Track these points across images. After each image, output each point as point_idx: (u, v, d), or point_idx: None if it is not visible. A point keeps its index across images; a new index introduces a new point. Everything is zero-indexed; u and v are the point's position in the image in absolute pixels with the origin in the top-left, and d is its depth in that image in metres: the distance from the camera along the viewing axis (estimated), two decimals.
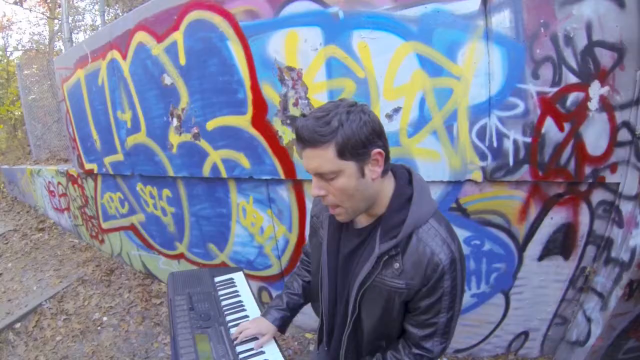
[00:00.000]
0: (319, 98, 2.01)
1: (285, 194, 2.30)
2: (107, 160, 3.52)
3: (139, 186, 3.23)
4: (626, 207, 2.15)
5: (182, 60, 2.25)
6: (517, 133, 2.03)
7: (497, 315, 2.55)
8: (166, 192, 2.87)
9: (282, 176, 2.21)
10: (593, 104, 1.99)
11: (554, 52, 1.91)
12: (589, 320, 2.41)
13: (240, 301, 1.44)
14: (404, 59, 1.92)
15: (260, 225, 2.44)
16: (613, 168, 2.12)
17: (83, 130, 3.78)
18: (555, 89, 1.97)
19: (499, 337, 2.66)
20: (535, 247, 2.34)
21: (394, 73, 1.94)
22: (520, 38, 1.88)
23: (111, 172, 3.55)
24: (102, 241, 4.56)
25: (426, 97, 1.96)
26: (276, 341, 1.31)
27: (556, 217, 2.27)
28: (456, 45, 1.89)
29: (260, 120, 2.12)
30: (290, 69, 1.97)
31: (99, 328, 3.22)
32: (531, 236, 2.32)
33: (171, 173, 2.64)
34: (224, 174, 2.31)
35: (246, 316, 1.37)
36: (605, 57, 1.92)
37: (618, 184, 2.17)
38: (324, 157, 0.91)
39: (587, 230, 2.32)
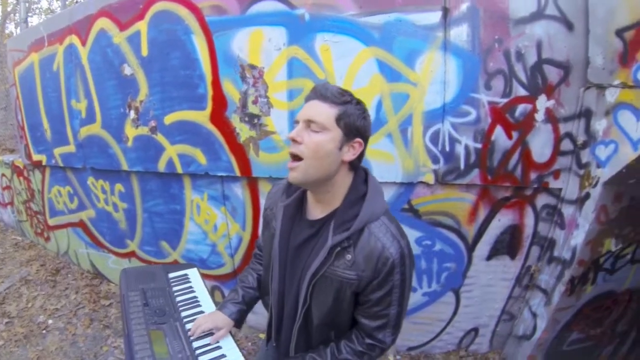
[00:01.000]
0: (278, 97, 2.02)
1: (240, 191, 2.28)
2: (58, 151, 3.30)
3: (90, 180, 3.05)
4: (568, 211, 2.32)
5: (145, 51, 2.17)
6: (469, 139, 2.13)
7: (447, 313, 2.65)
8: (119, 186, 2.74)
9: (238, 173, 2.18)
10: (539, 116, 2.15)
11: (506, 66, 2.04)
12: (534, 315, 2.56)
13: (195, 297, 1.42)
14: (364, 63, 1.97)
15: (214, 223, 2.39)
16: (556, 174, 2.30)
17: (33, 118, 3.53)
18: (505, 100, 2.10)
19: (450, 334, 2.76)
20: (483, 247, 2.47)
21: (353, 76, 1.98)
22: (475, 51, 2.00)
23: (61, 164, 3.32)
24: (47, 239, 4.27)
25: (383, 101, 2.02)
26: (232, 335, 1.30)
27: (503, 219, 2.41)
28: (415, 53, 1.97)
29: (219, 116, 2.10)
30: (253, 66, 1.96)
31: (43, 332, 3.00)
32: (480, 237, 2.44)
33: (125, 167, 2.53)
34: (179, 170, 2.25)
35: (201, 311, 1.35)
36: (553, 74, 2.09)
37: (560, 189, 2.34)
38: (325, 111, 1.00)
39: (532, 232, 2.48)
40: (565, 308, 2.41)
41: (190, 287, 1.45)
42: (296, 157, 1.01)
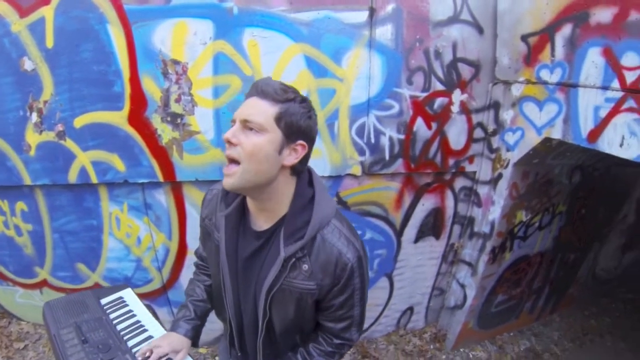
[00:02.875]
0: (203, 94, 1.86)
1: (163, 198, 2.06)
2: None
3: None
4: (482, 190, 2.58)
5: (50, 42, 1.80)
6: (393, 131, 2.22)
7: (383, 297, 2.76)
8: (21, 205, 2.27)
9: (161, 179, 1.97)
10: (455, 108, 2.33)
11: (426, 63, 2.16)
12: (462, 286, 2.80)
13: (138, 321, 1.24)
14: (292, 59, 1.91)
15: (137, 236, 2.13)
16: (471, 159, 2.53)
17: None
18: (425, 94, 2.22)
19: (387, 317, 2.89)
20: (410, 231, 2.61)
21: (280, 72, 1.92)
22: (399, 49, 2.07)
23: None
24: None
25: (310, 96, 1.99)
26: (191, 357, 1.18)
27: (427, 203, 2.58)
28: (342, 50, 1.97)
29: (138, 116, 1.85)
30: (176, 62, 1.77)
31: None
32: (407, 222, 2.57)
33: (28, 181, 2.10)
34: (94, 179, 1.95)
35: (150, 336, 1.19)
36: (466, 71, 2.27)
37: (475, 172, 2.59)
38: (263, 111, 0.90)
39: (452, 212, 2.70)
40: (490, 275, 2.68)
41: (130, 310, 1.27)
42: (233, 161, 0.91)
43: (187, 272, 2.22)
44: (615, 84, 1.66)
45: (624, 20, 1.60)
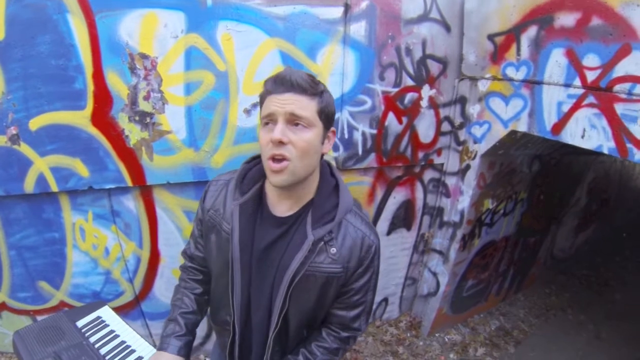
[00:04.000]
0: (174, 91, 1.72)
1: (132, 204, 1.89)
2: None
3: None
4: (451, 181, 2.66)
5: (1, 34, 1.59)
6: (365, 126, 2.22)
7: None
8: None
9: (130, 183, 1.79)
10: (424, 103, 2.38)
11: (397, 60, 2.18)
12: (434, 274, 2.89)
13: (123, 342, 1.12)
14: (267, 54, 1.83)
15: (105, 246, 1.93)
16: (439, 152, 2.60)
17: None
18: (396, 89, 2.24)
19: None
20: (383, 224, 2.63)
21: (255, 68, 1.83)
22: (372, 45, 2.07)
23: None
24: None
25: None
26: None
27: (398, 196, 2.61)
28: (317, 45, 1.93)
29: (102, 116, 1.68)
30: (144, 56, 1.61)
31: None
32: (379, 215, 2.59)
33: None
34: (54, 187, 1.73)
35: (140, 357, 1.08)
36: (434, 67, 2.32)
37: (442, 164, 2.67)
38: (307, 105, 0.89)
39: (422, 204, 2.77)
40: (461, 262, 2.78)
41: (111, 331, 1.14)
42: (279, 158, 0.88)
43: (161, 282, 2.08)
44: (577, 82, 1.78)
45: (586, 25, 1.71)
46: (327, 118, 0.94)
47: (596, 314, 3.61)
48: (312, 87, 0.89)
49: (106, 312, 1.19)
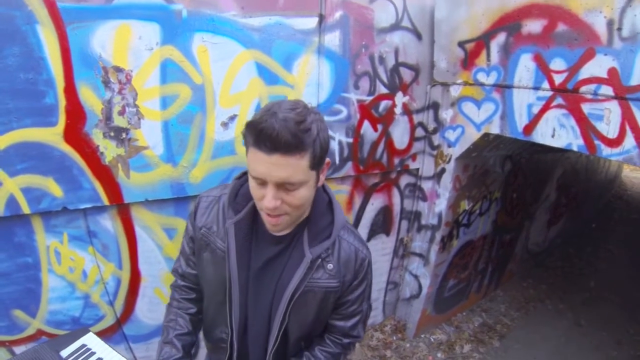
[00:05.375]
0: (149, 106, 1.65)
1: (109, 223, 1.78)
2: None
3: None
4: (427, 185, 2.70)
5: None
6: (342, 135, 2.22)
7: None
8: None
9: (106, 202, 1.70)
10: (398, 109, 2.41)
11: (371, 68, 2.20)
12: (416, 277, 2.91)
13: None
14: (243, 66, 1.80)
15: (82, 269, 1.81)
16: (414, 157, 2.64)
17: None
18: (371, 98, 2.26)
19: None
20: (363, 230, 2.63)
21: (231, 80, 1.80)
22: (346, 55, 2.08)
23: None
24: None
25: (262, 104, 1.90)
26: None
27: (376, 203, 2.63)
28: (293, 56, 1.92)
29: (75, 133, 1.58)
30: (118, 69, 1.54)
31: None
32: (358, 222, 2.59)
33: None
34: (26, 209, 1.61)
35: None
36: (407, 75, 2.37)
37: (418, 169, 2.71)
38: (298, 167, 0.79)
39: (399, 209, 2.79)
40: (441, 263, 2.82)
41: (99, 359, 1.06)
42: (278, 215, 0.87)
43: (143, 302, 1.98)
44: (546, 84, 1.86)
45: (552, 31, 1.79)
46: (321, 161, 0.85)
47: (573, 302, 3.74)
48: (302, 144, 0.77)
49: (91, 339, 1.10)
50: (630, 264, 4.86)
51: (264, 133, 0.74)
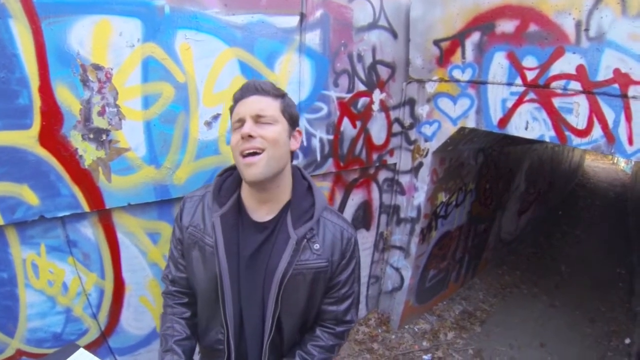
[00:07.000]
0: (131, 105, 1.56)
1: (90, 231, 1.66)
2: None
3: None
4: (404, 179, 2.76)
5: None
6: (322, 132, 2.22)
7: None
8: None
9: (86, 208, 1.58)
10: (375, 106, 2.45)
11: (350, 66, 2.22)
12: (397, 269, 2.95)
13: None
14: (226, 64, 1.76)
15: (62, 281, 1.66)
16: (391, 152, 2.69)
17: None
18: (350, 95, 2.29)
19: None
20: None
21: (214, 78, 1.75)
22: (326, 53, 2.09)
23: None
24: None
25: None
26: None
27: (356, 198, 2.65)
28: (275, 54, 1.90)
29: (52, 135, 1.45)
30: (98, 67, 1.44)
31: None
32: None
33: None
34: None
35: None
36: (383, 72, 2.41)
37: (395, 163, 2.76)
38: (271, 104, 0.97)
39: (379, 203, 2.83)
40: (421, 254, 2.88)
41: None
42: (252, 153, 0.92)
43: (128, 312, 1.86)
44: (519, 80, 1.96)
45: (524, 31, 1.90)
46: (291, 117, 1.02)
47: (547, 285, 3.94)
48: (275, 90, 1.00)
49: (83, 355, 1.03)
50: (597, 248, 5.18)
51: (246, 85, 1.01)
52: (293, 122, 1.03)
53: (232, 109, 1.03)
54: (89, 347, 1.82)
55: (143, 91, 1.58)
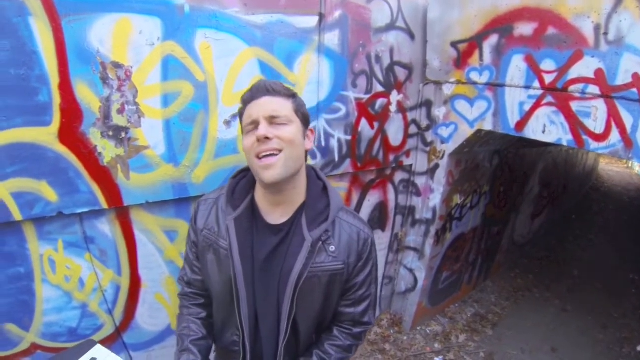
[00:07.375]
0: (150, 104, 1.56)
1: (107, 228, 1.66)
2: None
3: None
4: (420, 181, 2.73)
5: None
6: (341, 133, 2.20)
7: None
8: None
9: (105, 205, 1.58)
10: (393, 107, 2.42)
11: (368, 67, 2.20)
12: (411, 270, 2.92)
13: None
14: (246, 64, 1.75)
15: (79, 277, 1.67)
16: (408, 154, 2.66)
17: None
18: (368, 96, 2.26)
19: None
20: None
21: (234, 78, 1.75)
22: (345, 54, 2.07)
23: None
24: None
25: None
26: None
27: (372, 199, 2.62)
28: (294, 54, 1.88)
29: (71, 132, 1.45)
30: (117, 65, 1.44)
31: None
32: None
33: None
34: (17, 216, 1.46)
35: None
36: (401, 73, 2.38)
37: (411, 165, 2.73)
38: (284, 104, 0.96)
39: (394, 204, 2.80)
40: (435, 256, 2.84)
41: None
42: (269, 155, 0.91)
43: (144, 309, 1.87)
44: (536, 84, 1.92)
45: (542, 34, 1.86)
46: (304, 117, 1.01)
47: (559, 289, 3.87)
48: (286, 90, 0.98)
49: (99, 352, 1.03)
50: (611, 252, 5.08)
51: (255, 86, 0.98)
52: (306, 121, 1.02)
53: (241, 112, 1.01)
54: (104, 343, 1.83)
55: (163, 89, 1.57)
